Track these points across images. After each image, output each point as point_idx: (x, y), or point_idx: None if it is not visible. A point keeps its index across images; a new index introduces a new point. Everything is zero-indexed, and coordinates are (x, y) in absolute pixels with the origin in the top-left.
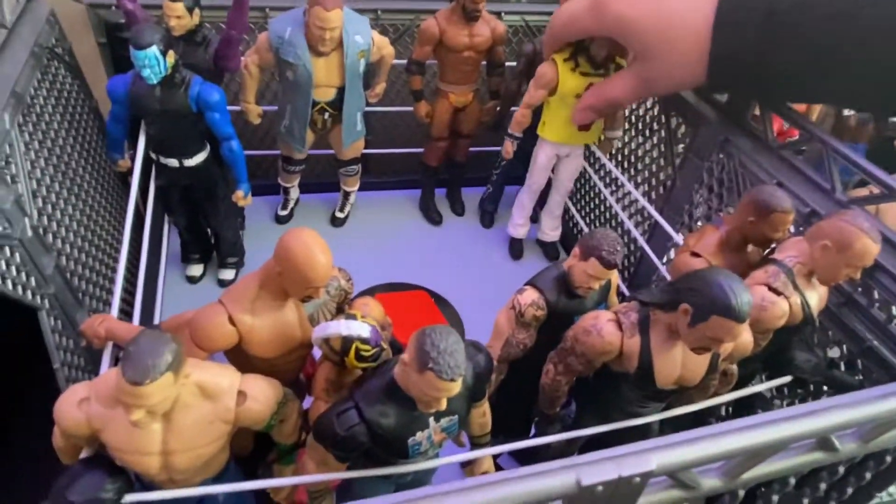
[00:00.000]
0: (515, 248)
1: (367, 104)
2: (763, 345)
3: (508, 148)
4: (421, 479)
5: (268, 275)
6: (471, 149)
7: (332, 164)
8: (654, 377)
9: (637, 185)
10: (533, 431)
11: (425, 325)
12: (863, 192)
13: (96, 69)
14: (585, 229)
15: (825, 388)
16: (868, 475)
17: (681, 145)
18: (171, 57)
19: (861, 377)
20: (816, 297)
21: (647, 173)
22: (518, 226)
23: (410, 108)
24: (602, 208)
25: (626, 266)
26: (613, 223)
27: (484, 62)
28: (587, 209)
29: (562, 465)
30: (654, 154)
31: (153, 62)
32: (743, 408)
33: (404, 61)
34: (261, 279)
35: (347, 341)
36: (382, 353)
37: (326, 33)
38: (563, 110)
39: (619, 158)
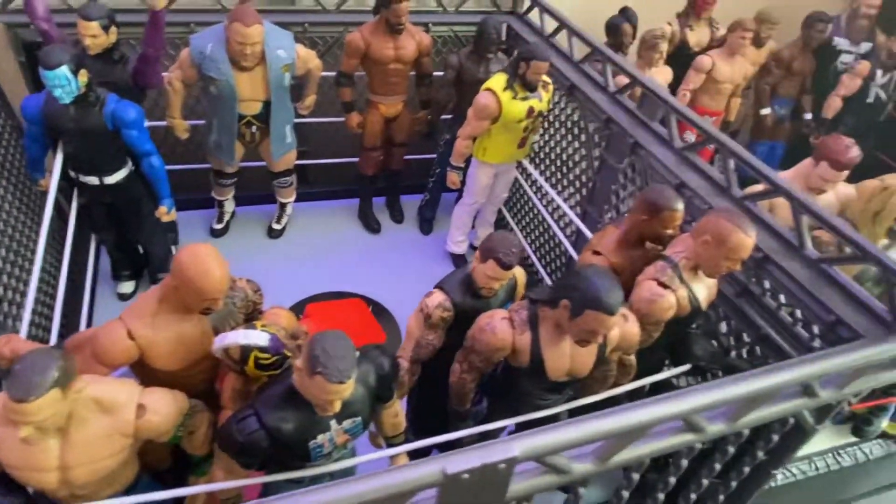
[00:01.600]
0: (461, 264)
1: (299, 116)
2: (656, 336)
3: (454, 178)
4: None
5: (167, 289)
6: (407, 157)
7: (267, 176)
8: (545, 370)
9: (563, 188)
10: None
11: (360, 332)
12: (757, 188)
13: (19, 88)
14: (518, 233)
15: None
16: (760, 454)
17: (598, 149)
18: (84, 76)
19: (759, 363)
20: (704, 289)
21: (571, 176)
22: (459, 242)
23: (343, 119)
24: (533, 213)
25: (556, 268)
26: (544, 227)
27: (413, 73)
28: (520, 215)
29: (434, 457)
30: (577, 158)
31: (64, 82)
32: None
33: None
34: (161, 294)
35: (246, 350)
36: (286, 360)
37: (247, 48)
38: (505, 135)
39: (547, 163)
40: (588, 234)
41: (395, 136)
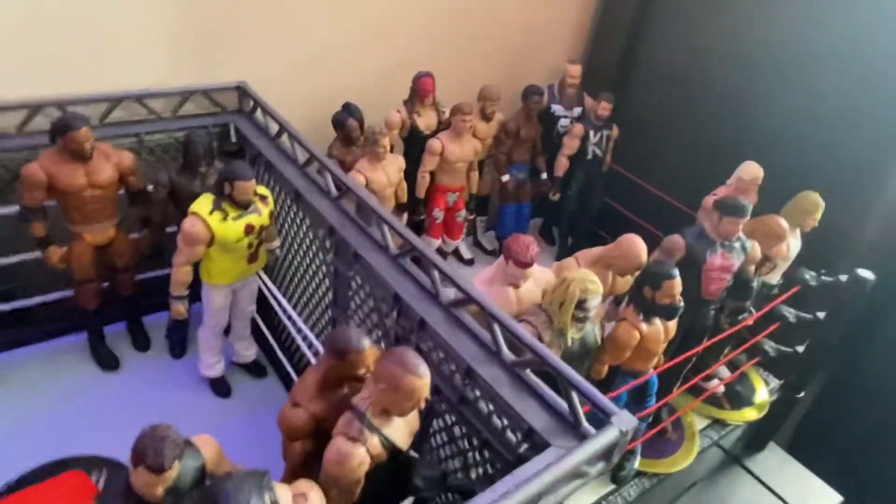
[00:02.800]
0: (221, 387)
1: None
2: (357, 490)
3: (178, 309)
4: None
5: None
6: (144, 275)
7: None
8: None
9: (311, 295)
10: None
11: None
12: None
13: None
14: (272, 340)
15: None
16: None
17: (329, 255)
18: None
19: (486, 470)
20: (402, 425)
21: (315, 283)
22: (212, 365)
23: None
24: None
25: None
26: (296, 343)
27: (123, 191)
28: (271, 322)
29: None
30: (317, 264)
31: None
32: None
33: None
34: None
35: None
36: None
37: None
38: (227, 255)
39: (292, 271)
40: (318, 346)
41: (116, 263)
